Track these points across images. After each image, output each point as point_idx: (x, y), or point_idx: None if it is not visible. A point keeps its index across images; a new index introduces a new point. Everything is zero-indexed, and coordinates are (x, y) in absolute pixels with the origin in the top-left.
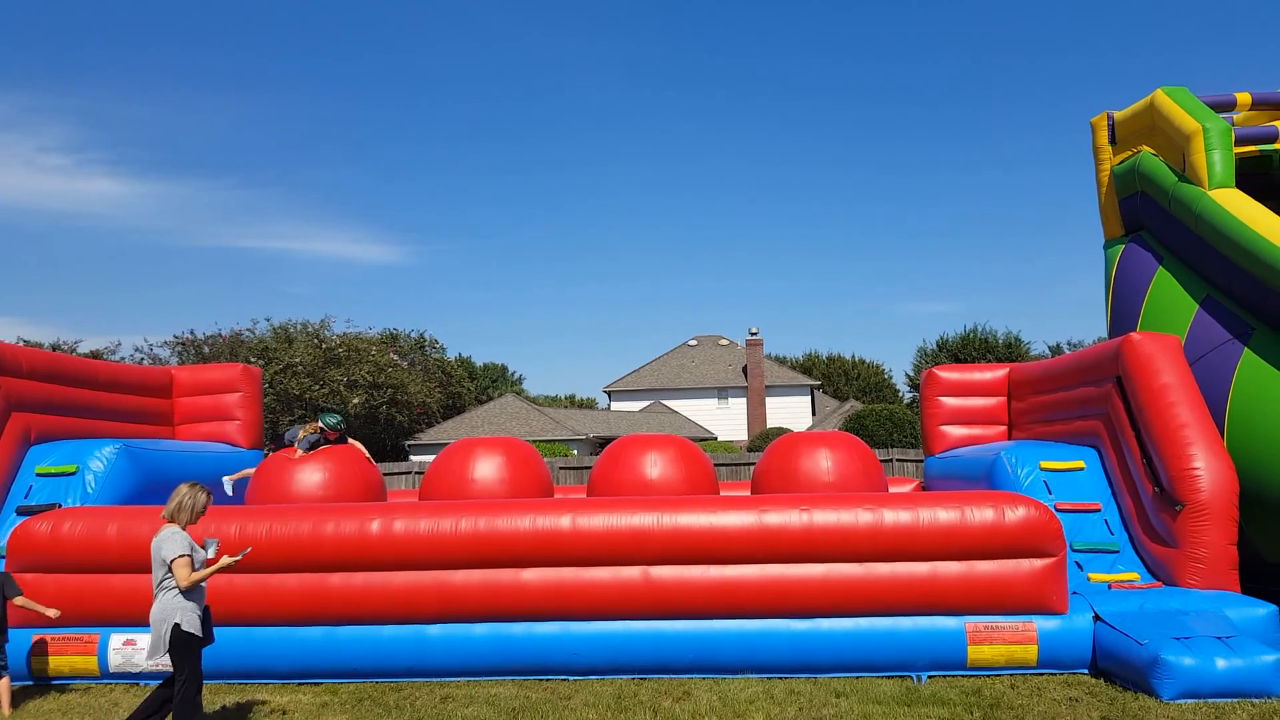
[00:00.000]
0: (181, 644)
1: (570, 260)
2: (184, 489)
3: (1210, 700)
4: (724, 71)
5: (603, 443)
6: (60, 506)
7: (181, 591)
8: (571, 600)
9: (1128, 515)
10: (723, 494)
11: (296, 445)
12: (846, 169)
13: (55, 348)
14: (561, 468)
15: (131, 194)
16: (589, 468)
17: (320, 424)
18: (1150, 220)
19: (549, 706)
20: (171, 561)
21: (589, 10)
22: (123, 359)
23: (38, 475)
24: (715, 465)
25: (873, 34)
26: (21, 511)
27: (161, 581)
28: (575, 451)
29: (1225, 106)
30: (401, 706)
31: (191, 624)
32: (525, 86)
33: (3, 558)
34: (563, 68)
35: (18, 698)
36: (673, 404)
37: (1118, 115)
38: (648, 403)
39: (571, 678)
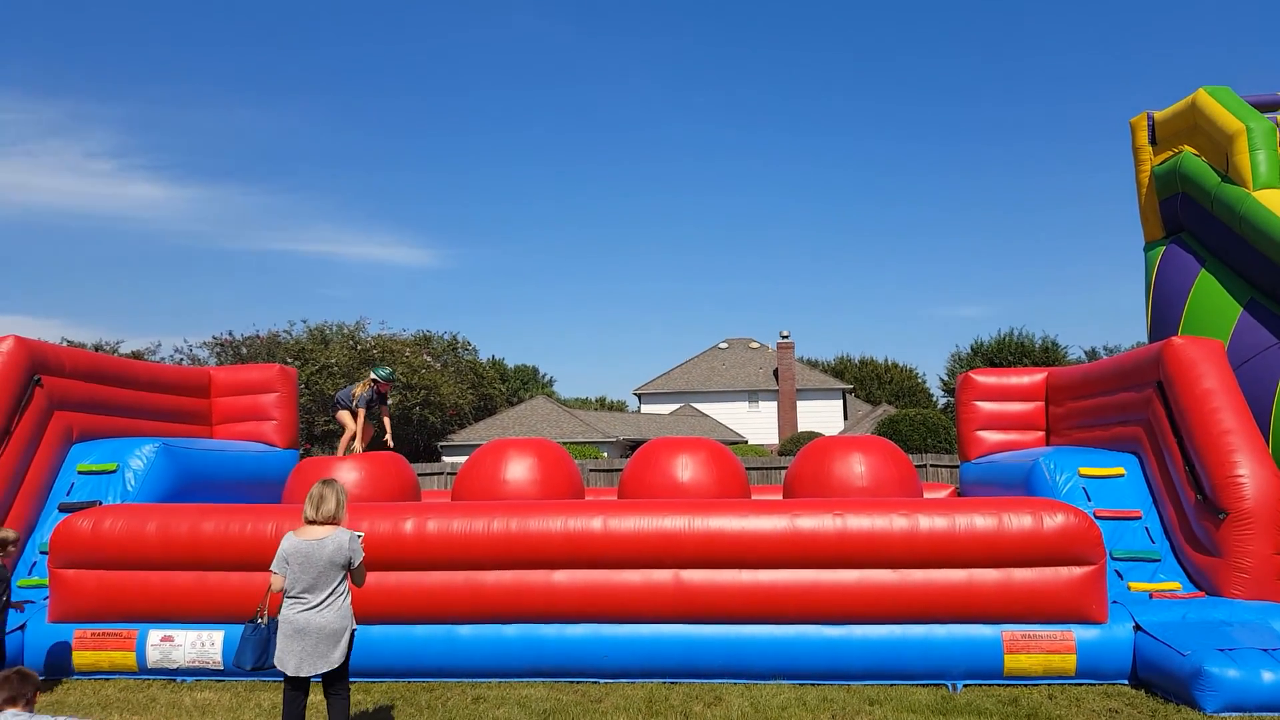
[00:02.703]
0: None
1: (601, 262)
2: (331, 490)
3: (1255, 714)
4: (759, 71)
5: (633, 445)
6: (101, 504)
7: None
8: (603, 602)
9: (1169, 523)
10: (754, 498)
11: (353, 402)
12: (880, 171)
13: (97, 348)
14: (592, 470)
15: (173, 198)
16: (619, 470)
17: (373, 376)
18: (1192, 222)
19: (580, 709)
20: (361, 563)
21: (621, 10)
22: (163, 359)
23: (79, 473)
24: (746, 469)
25: (911, 33)
26: (63, 508)
27: (337, 586)
28: (605, 454)
29: (1269, 106)
30: (433, 706)
31: None
32: (558, 89)
33: (45, 553)
34: (595, 69)
35: (58, 693)
36: (703, 407)
37: (1158, 115)
38: (678, 405)
39: (602, 680)
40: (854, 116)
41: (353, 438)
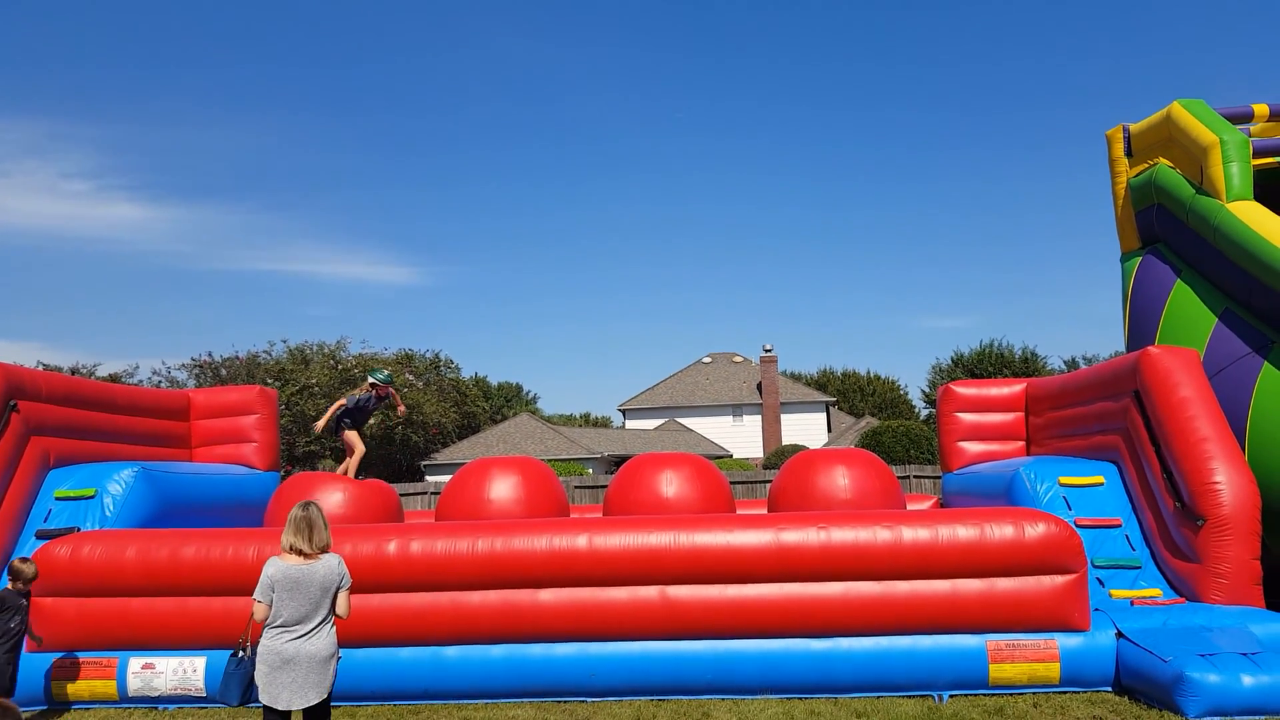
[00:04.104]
0: None
1: (584, 278)
2: (320, 515)
3: (1236, 718)
4: (737, 82)
5: (618, 461)
6: (79, 530)
7: None
8: (589, 621)
9: (1149, 531)
10: (739, 512)
11: (345, 401)
12: (860, 182)
13: (74, 371)
14: (577, 487)
15: (151, 218)
16: (604, 487)
17: (371, 380)
18: (1167, 233)
19: None
20: (348, 589)
21: (600, 22)
22: (141, 382)
23: (57, 499)
24: (730, 483)
25: (889, 42)
26: (41, 535)
27: (326, 613)
28: (590, 470)
29: (1242, 118)
30: None
31: None
32: (537, 105)
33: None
34: (573, 83)
35: None
36: (687, 422)
37: (1134, 127)
38: (662, 421)
39: (589, 699)
40: (835, 129)
41: (362, 457)
